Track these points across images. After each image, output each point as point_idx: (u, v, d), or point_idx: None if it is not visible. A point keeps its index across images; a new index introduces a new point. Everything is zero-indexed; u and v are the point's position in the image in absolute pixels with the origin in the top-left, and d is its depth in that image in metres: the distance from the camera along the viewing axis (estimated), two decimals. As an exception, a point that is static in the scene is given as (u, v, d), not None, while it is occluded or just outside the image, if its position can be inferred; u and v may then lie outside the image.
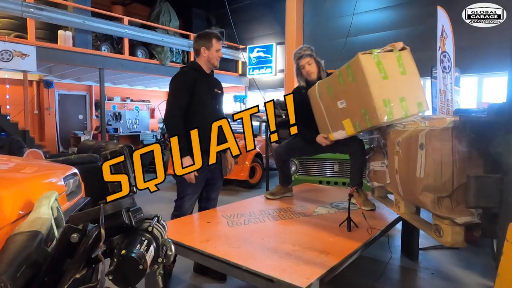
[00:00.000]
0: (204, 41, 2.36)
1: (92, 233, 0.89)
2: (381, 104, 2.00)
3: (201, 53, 2.37)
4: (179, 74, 2.37)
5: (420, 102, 2.07)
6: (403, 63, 2.09)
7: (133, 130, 10.77)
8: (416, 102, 2.06)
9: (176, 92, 2.30)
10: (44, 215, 1.20)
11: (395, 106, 2.00)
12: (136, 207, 0.96)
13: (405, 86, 2.08)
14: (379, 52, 2.09)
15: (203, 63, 2.39)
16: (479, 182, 1.32)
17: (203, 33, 2.43)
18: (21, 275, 0.90)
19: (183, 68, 2.45)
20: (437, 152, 1.48)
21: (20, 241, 1.00)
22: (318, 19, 8.98)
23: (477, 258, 2.85)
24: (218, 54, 2.38)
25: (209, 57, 2.37)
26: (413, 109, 2.05)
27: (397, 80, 2.07)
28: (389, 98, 2.00)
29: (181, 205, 2.36)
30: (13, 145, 4.98)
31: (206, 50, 2.35)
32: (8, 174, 1.89)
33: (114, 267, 0.84)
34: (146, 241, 0.91)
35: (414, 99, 2.06)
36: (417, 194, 1.62)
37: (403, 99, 2.03)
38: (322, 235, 1.90)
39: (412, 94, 2.07)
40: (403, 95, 2.04)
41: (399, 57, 2.10)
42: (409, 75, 2.09)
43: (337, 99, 2.24)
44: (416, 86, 2.12)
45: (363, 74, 2.03)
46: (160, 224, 1.00)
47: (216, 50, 2.36)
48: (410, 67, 2.10)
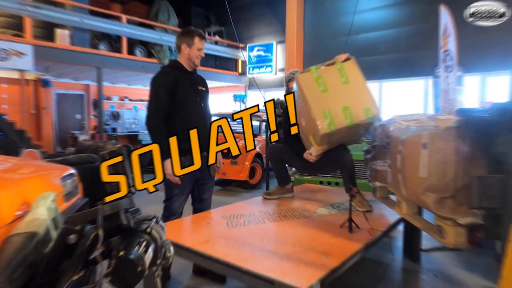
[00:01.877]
0: (186, 38, 2.32)
1: (90, 234, 0.88)
2: (321, 116, 2.15)
3: (182, 50, 2.32)
4: (158, 75, 2.32)
5: (368, 108, 2.16)
6: (346, 73, 2.23)
7: (131, 130, 10.73)
8: (363, 108, 2.16)
9: (156, 94, 2.25)
10: (42, 216, 1.18)
11: (336, 115, 2.15)
12: (134, 208, 0.94)
13: (348, 95, 2.20)
14: (319, 68, 2.28)
15: (183, 61, 2.35)
16: (482, 182, 1.31)
17: (186, 30, 2.39)
18: (18, 277, 0.89)
19: (162, 68, 2.39)
20: (441, 152, 1.47)
21: (17, 242, 0.99)
22: (319, 18, 8.97)
23: (480, 259, 2.84)
24: (199, 53, 2.34)
25: (189, 55, 2.32)
26: (360, 115, 2.15)
27: (338, 91, 2.21)
28: (329, 109, 2.15)
29: (170, 206, 2.34)
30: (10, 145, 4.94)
31: (187, 48, 2.31)
32: (5, 174, 1.86)
33: (112, 269, 0.83)
34: (145, 243, 0.90)
35: (360, 106, 2.16)
36: (419, 194, 1.61)
37: (346, 107, 2.16)
38: (323, 236, 1.88)
39: (358, 101, 2.18)
40: (346, 103, 2.16)
41: (341, 68, 2.25)
42: (353, 84, 2.21)
43: (300, 118, 2.37)
44: (361, 93, 2.21)
45: (302, 91, 2.25)
46: (159, 225, 0.98)
47: (197, 49, 2.32)
48: (353, 76, 2.23)
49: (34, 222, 1.13)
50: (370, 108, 2.15)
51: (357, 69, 2.24)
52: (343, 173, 2.58)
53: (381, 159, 2.29)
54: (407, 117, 2.10)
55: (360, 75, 2.23)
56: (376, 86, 8.28)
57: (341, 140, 2.41)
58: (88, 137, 9.16)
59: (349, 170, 2.52)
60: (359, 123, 2.16)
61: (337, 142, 2.41)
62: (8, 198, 1.45)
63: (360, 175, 3.53)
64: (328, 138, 2.25)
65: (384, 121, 2.40)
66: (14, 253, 0.95)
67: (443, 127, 1.52)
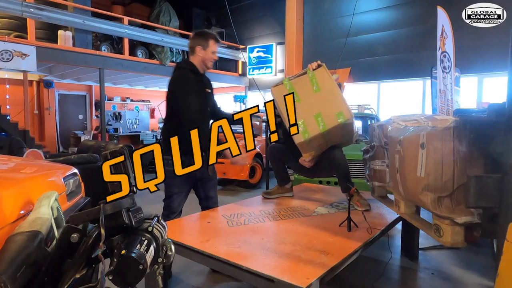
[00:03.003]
0: (201, 40, 2.32)
1: (92, 233, 0.89)
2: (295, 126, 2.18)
3: (196, 52, 2.33)
4: (181, 75, 2.30)
5: (340, 112, 2.21)
6: (317, 81, 2.28)
7: (133, 130, 10.76)
8: (335, 113, 2.21)
9: (187, 93, 2.23)
10: (44, 215, 1.20)
11: (309, 124, 2.24)
12: (136, 207, 0.95)
13: (320, 102, 2.26)
14: (292, 79, 2.34)
15: (197, 63, 2.35)
16: (479, 182, 1.32)
17: (201, 32, 2.39)
18: (21, 275, 0.90)
19: (180, 68, 2.38)
20: (438, 151, 1.48)
21: (20, 241, 1.00)
22: (318, 19, 8.98)
23: (477, 258, 2.85)
24: (213, 56, 2.35)
25: (204, 58, 2.33)
26: (332, 120, 2.21)
27: (310, 99, 2.27)
28: (303, 119, 2.24)
29: (169, 204, 2.36)
30: (13, 145, 4.97)
31: (201, 50, 2.32)
32: (8, 174, 1.88)
33: (114, 267, 0.83)
34: (146, 241, 0.91)
35: (332, 111, 2.22)
36: (417, 193, 1.62)
37: (318, 115, 2.23)
38: (322, 235, 1.90)
39: (329, 107, 2.24)
40: (318, 111, 2.24)
41: (312, 77, 2.29)
42: (323, 91, 2.27)
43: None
44: (332, 98, 2.26)
45: (277, 104, 2.27)
46: (160, 224, 1.00)
47: (212, 51, 2.34)
48: (324, 83, 2.28)
49: (37, 221, 1.14)
50: (342, 112, 2.20)
51: (327, 76, 2.28)
52: (337, 173, 2.60)
53: (380, 159, 2.31)
54: (405, 118, 2.11)
55: (331, 81, 2.28)
56: (375, 87, 8.29)
57: (327, 144, 2.44)
58: (90, 137, 9.20)
59: (343, 169, 2.53)
60: (334, 128, 2.22)
61: (324, 146, 2.45)
62: (11, 197, 1.46)
63: (359, 174, 3.55)
64: (306, 146, 2.32)
65: (382, 121, 2.42)
66: (17, 251, 0.96)
67: (440, 127, 1.53)
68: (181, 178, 2.32)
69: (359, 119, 5.39)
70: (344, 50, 7.68)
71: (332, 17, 8.65)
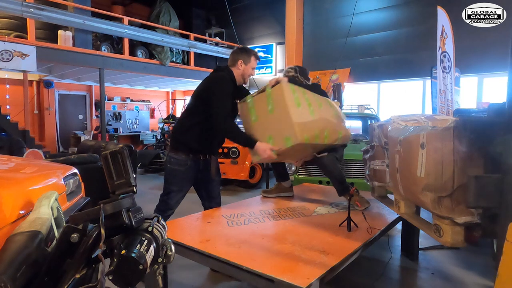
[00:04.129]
0: (244, 56, 2.39)
1: (92, 233, 0.89)
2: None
3: (237, 65, 2.38)
4: (224, 80, 2.32)
5: (288, 137, 2.09)
6: (272, 100, 2.16)
7: (133, 130, 10.78)
8: (283, 137, 2.11)
9: (224, 98, 2.25)
10: (44, 215, 1.20)
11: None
12: (136, 207, 0.95)
13: (272, 124, 2.16)
14: (254, 96, 2.26)
15: (236, 75, 2.40)
16: (479, 182, 1.33)
17: (245, 48, 2.49)
18: (21, 275, 0.89)
19: (223, 73, 2.37)
20: (438, 151, 1.48)
21: (20, 241, 1.00)
22: (318, 19, 8.98)
23: (477, 258, 2.85)
24: (252, 72, 2.43)
25: (243, 72, 2.39)
26: (281, 144, 2.12)
27: (266, 120, 2.19)
28: (259, 140, 2.18)
29: (166, 200, 2.37)
30: (13, 145, 4.97)
31: (243, 64, 2.38)
32: (8, 174, 1.89)
33: (114, 267, 0.83)
34: (146, 241, 0.91)
35: (281, 135, 2.12)
36: (417, 193, 1.62)
37: (270, 137, 2.16)
38: (322, 235, 1.90)
39: (279, 131, 2.13)
40: (270, 133, 2.16)
41: (269, 95, 2.17)
42: (276, 112, 2.13)
43: None
44: (283, 121, 2.11)
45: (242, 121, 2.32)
46: (160, 224, 1.00)
47: (252, 68, 2.41)
48: (278, 103, 2.13)
49: (37, 221, 1.14)
50: (290, 137, 2.08)
51: (282, 94, 2.11)
52: (330, 178, 2.64)
53: (380, 159, 2.31)
54: (405, 117, 2.11)
55: (285, 101, 2.09)
56: (375, 87, 8.30)
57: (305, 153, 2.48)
58: (90, 137, 9.21)
59: (335, 174, 2.56)
60: (287, 149, 2.13)
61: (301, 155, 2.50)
62: (11, 197, 1.47)
63: (359, 174, 3.55)
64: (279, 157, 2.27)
65: (382, 121, 2.42)
66: (17, 251, 0.96)
67: (440, 127, 1.53)
68: (182, 176, 2.33)
69: (359, 119, 5.39)
70: (344, 50, 7.68)
71: (332, 17, 8.65)
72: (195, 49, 9.18)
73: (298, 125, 2.06)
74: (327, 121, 2.29)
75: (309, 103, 2.20)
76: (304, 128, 2.08)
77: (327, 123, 2.28)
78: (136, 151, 5.90)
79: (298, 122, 2.07)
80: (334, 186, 2.60)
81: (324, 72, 8.52)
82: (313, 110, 2.20)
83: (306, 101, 2.19)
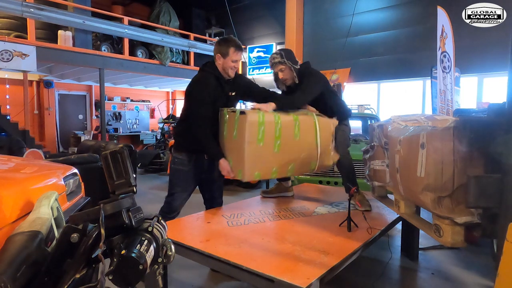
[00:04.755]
0: (222, 48, 2.24)
1: (92, 233, 0.89)
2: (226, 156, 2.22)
3: (216, 60, 2.27)
4: (201, 80, 2.25)
5: (240, 170, 2.08)
6: (237, 128, 2.09)
7: (133, 130, 10.78)
8: (237, 168, 2.12)
9: (201, 101, 2.19)
10: (44, 215, 1.20)
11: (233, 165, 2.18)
12: (136, 207, 0.95)
13: (234, 149, 2.13)
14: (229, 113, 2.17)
15: (220, 70, 2.29)
16: (479, 182, 1.33)
17: (222, 39, 2.31)
18: (21, 275, 0.89)
19: (204, 72, 2.31)
20: (438, 151, 1.48)
21: (20, 241, 1.00)
22: (318, 19, 8.98)
23: (477, 258, 2.85)
24: (234, 64, 2.25)
25: (223, 66, 2.25)
26: (235, 173, 2.14)
27: (230, 142, 2.16)
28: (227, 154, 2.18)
29: (171, 202, 2.36)
30: (13, 145, 4.97)
31: (221, 58, 2.24)
32: (8, 174, 1.88)
33: (114, 267, 0.83)
34: (146, 241, 0.91)
35: (236, 165, 2.12)
36: (417, 193, 1.62)
37: (230, 160, 2.16)
38: (322, 235, 1.90)
39: (236, 160, 2.12)
40: (231, 157, 2.16)
41: (236, 121, 2.09)
42: (237, 141, 2.08)
43: None
44: (240, 153, 2.07)
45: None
46: (160, 224, 1.00)
47: (232, 60, 2.23)
48: (240, 134, 2.06)
49: (37, 221, 1.14)
50: (241, 171, 2.07)
51: (244, 128, 2.02)
52: (341, 172, 2.61)
53: (380, 159, 2.31)
54: (405, 118, 2.11)
55: (245, 135, 2.01)
56: (375, 87, 8.30)
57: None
58: (90, 137, 9.20)
59: (346, 169, 2.54)
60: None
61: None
62: (11, 197, 1.46)
63: (359, 174, 3.55)
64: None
65: (382, 121, 2.42)
66: (17, 252, 0.96)
67: (440, 127, 1.53)
68: (186, 176, 2.32)
69: (359, 119, 5.39)
70: (344, 50, 7.68)
71: (332, 17, 8.65)
72: (195, 49, 9.18)
73: (249, 163, 2.03)
74: (295, 156, 2.20)
75: (277, 136, 2.09)
76: (255, 166, 2.04)
77: (295, 158, 2.20)
78: (136, 151, 5.89)
79: (250, 161, 2.02)
80: (343, 180, 2.59)
81: (324, 72, 8.49)
82: (280, 145, 2.11)
83: (275, 134, 2.09)
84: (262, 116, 2.06)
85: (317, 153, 2.31)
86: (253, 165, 2.03)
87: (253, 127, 2.03)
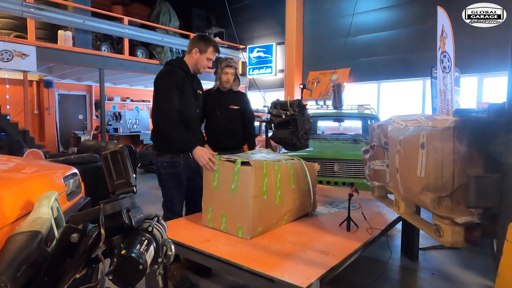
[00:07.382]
0: (202, 44, 2.29)
1: (92, 233, 0.89)
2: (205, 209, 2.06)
3: (192, 53, 2.29)
4: (167, 72, 2.24)
5: (240, 227, 1.86)
6: (238, 181, 1.88)
7: (133, 130, 10.77)
8: (236, 224, 1.88)
9: (168, 91, 2.16)
10: (44, 215, 1.20)
11: (216, 217, 1.99)
12: (136, 207, 0.95)
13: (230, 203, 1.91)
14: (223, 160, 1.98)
15: (190, 63, 2.32)
16: (479, 182, 1.32)
17: (204, 36, 2.36)
18: (21, 275, 0.89)
19: (169, 65, 2.31)
20: (438, 151, 1.48)
21: (20, 241, 1.00)
22: (318, 19, 8.99)
23: (477, 258, 2.85)
24: (208, 63, 2.33)
25: (197, 61, 2.30)
26: (231, 229, 1.90)
27: (225, 195, 1.94)
28: (212, 207, 2.01)
29: (171, 208, 2.33)
30: (13, 145, 4.97)
31: (198, 53, 2.28)
32: (8, 174, 1.89)
33: (114, 267, 0.83)
34: (146, 241, 0.91)
35: (234, 220, 1.89)
36: (417, 193, 1.62)
37: (223, 214, 1.95)
38: (322, 235, 1.90)
39: (234, 215, 1.89)
40: (225, 211, 1.94)
41: (236, 173, 1.88)
42: (238, 195, 1.88)
43: None
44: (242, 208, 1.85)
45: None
46: (160, 224, 1.00)
47: (207, 58, 2.31)
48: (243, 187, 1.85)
49: (37, 221, 1.14)
50: (242, 227, 1.85)
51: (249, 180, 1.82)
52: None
53: (380, 159, 2.31)
54: (405, 117, 2.11)
55: (251, 188, 1.82)
56: (375, 87, 8.30)
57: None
58: (90, 137, 9.20)
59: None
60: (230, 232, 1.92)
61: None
62: (11, 197, 1.47)
63: (359, 174, 3.55)
64: None
65: (382, 121, 2.42)
66: (17, 252, 0.96)
67: (440, 127, 1.53)
68: (179, 177, 2.30)
69: (359, 119, 5.39)
70: (344, 50, 7.68)
71: (332, 17, 8.65)
72: (195, 49, 9.17)
73: (254, 220, 1.84)
74: (292, 206, 2.10)
75: (278, 186, 1.97)
76: (259, 222, 1.87)
77: (292, 208, 2.10)
78: (136, 151, 5.89)
79: (256, 217, 1.84)
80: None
81: (324, 72, 8.53)
82: (280, 195, 1.99)
83: (276, 184, 1.97)
84: (266, 166, 1.90)
85: (310, 198, 2.24)
86: (257, 221, 1.86)
87: (259, 180, 1.86)
